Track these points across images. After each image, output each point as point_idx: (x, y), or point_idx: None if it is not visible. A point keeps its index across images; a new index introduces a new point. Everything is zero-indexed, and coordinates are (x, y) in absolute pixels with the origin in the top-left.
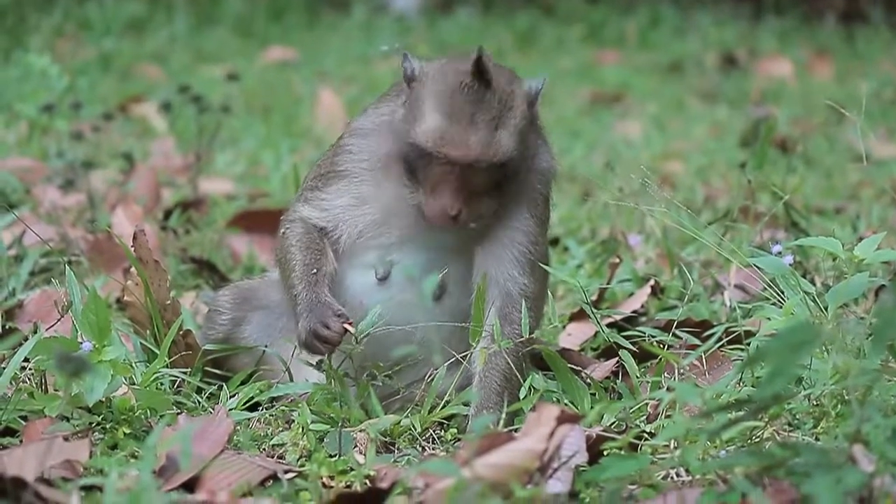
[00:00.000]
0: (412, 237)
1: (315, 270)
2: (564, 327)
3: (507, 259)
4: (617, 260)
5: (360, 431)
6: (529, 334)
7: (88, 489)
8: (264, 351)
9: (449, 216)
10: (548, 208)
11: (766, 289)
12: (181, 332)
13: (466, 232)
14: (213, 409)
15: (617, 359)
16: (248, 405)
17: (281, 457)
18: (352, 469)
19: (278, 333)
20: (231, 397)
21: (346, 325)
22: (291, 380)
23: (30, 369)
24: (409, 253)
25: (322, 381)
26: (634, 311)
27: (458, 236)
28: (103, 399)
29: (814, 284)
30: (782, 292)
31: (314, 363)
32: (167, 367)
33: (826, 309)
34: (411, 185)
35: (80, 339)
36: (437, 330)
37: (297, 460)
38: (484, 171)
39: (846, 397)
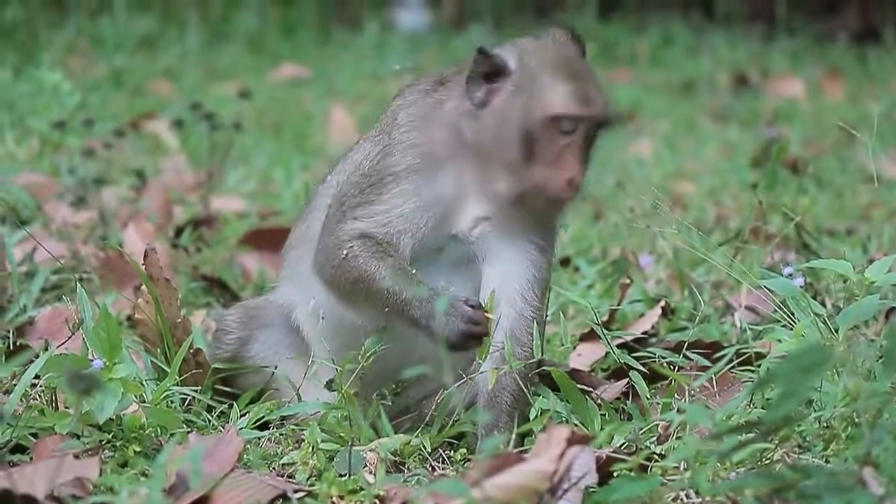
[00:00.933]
0: (441, 247)
1: (413, 270)
2: (575, 348)
3: (524, 279)
4: (627, 280)
5: (370, 451)
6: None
7: None
8: (273, 373)
9: (576, 185)
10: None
11: (776, 310)
12: (191, 351)
13: (483, 247)
14: (223, 428)
15: (627, 380)
16: (258, 424)
17: (291, 476)
18: (361, 489)
19: (286, 351)
20: (241, 416)
21: (487, 315)
22: (300, 400)
23: (40, 386)
24: (425, 268)
25: (332, 401)
26: (645, 332)
27: (475, 249)
28: (113, 417)
29: (824, 306)
30: (793, 314)
31: (325, 383)
32: (177, 385)
33: (837, 331)
34: (521, 167)
35: (90, 357)
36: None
37: (307, 479)
38: (596, 132)
39: (856, 420)
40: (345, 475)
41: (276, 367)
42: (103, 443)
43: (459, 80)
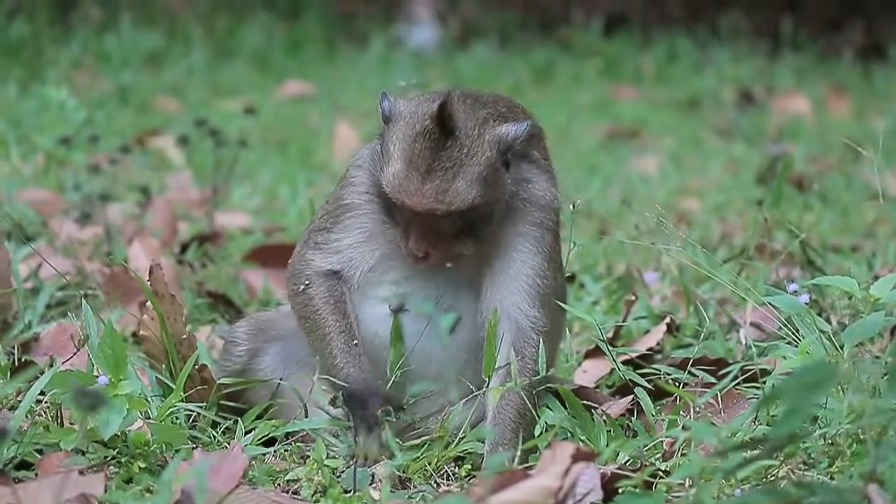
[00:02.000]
0: (421, 269)
1: (355, 342)
2: (580, 364)
3: (515, 292)
4: (633, 297)
5: (376, 467)
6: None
7: None
8: (279, 384)
9: (417, 257)
10: (556, 241)
11: (781, 327)
12: (197, 367)
13: (475, 264)
14: (229, 444)
15: (632, 396)
16: (263, 440)
17: (296, 492)
18: None
19: (295, 364)
20: (247, 433)
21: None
22: (307, 414)
23: (46, 403)
24: (421, 284)
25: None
26: (650, 349)
27: (467, 268)
28: (119, 433)
29: (829, 323)
30: (798, 331)
31: (329, 400)
32: (183, 401)
33: (842, 348)
34: (390, 221)
35: (95, 373)
36: (452, 361)
37: (312, 496)
38: (444, 218)
39: (862, 437)
40: (350, 491)
41: (280, 379)
42: (108, 459)
43: None
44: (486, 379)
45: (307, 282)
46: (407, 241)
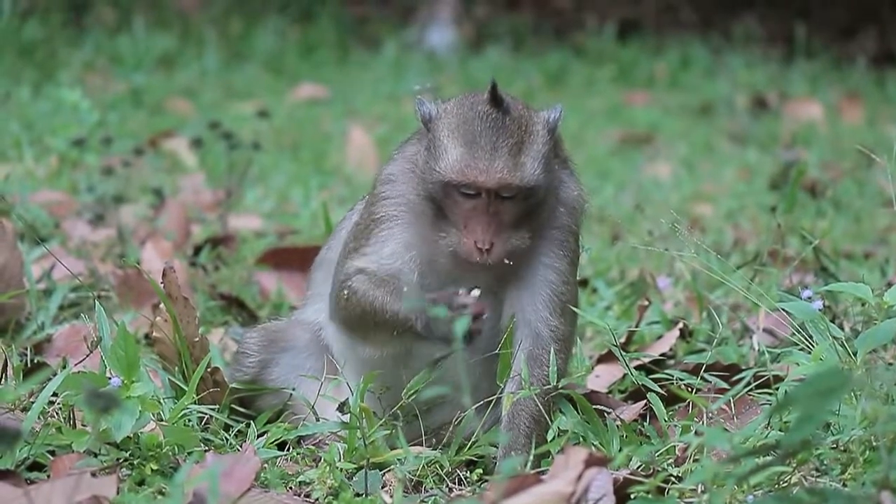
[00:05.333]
0: (449, 281)
1: (405, 287)
2: (593, 369)
3: (538, 299)
4: (646, 302)
5: (388, 471)
6: (558, 376)
7: None
8: (291, 394)
9: (482, 251)
10: (577, 244)
11: (794, 333)
12: (209, 369)
13: (501, 271)
14: (241, 447)
15: (645, 401)
16: (275, 443)
17: (308, 495)
18: None
19: (306, 372)
20: (259, 436)
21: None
22: (318, 420)
23: (58, 404)
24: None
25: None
26: (663, 354)
27: (492, 277)
28: (131, 435)
29: (843, 329)
30: (811, 337)
31: (337, 406)
32: (195, 403)
33: (855, 354)
34: (443, 228)
35: (108, 375)
36: (470, 371)
37: (325, 498)
38: (512, 199)
39: (875, 443)
40: (362, 494)
41: (293, 389)
42: (121, 461)
43: (417, 135)
44: (501, 386)
45: (349, 283)
46: (468, 237)
